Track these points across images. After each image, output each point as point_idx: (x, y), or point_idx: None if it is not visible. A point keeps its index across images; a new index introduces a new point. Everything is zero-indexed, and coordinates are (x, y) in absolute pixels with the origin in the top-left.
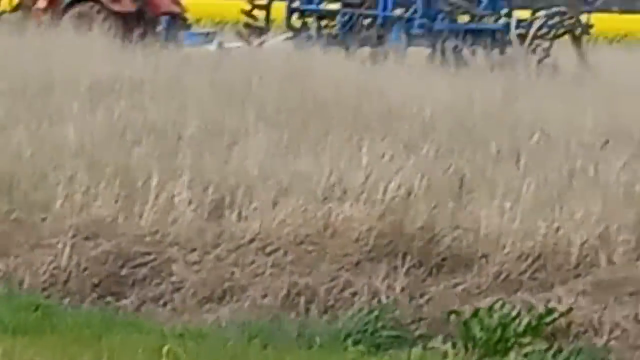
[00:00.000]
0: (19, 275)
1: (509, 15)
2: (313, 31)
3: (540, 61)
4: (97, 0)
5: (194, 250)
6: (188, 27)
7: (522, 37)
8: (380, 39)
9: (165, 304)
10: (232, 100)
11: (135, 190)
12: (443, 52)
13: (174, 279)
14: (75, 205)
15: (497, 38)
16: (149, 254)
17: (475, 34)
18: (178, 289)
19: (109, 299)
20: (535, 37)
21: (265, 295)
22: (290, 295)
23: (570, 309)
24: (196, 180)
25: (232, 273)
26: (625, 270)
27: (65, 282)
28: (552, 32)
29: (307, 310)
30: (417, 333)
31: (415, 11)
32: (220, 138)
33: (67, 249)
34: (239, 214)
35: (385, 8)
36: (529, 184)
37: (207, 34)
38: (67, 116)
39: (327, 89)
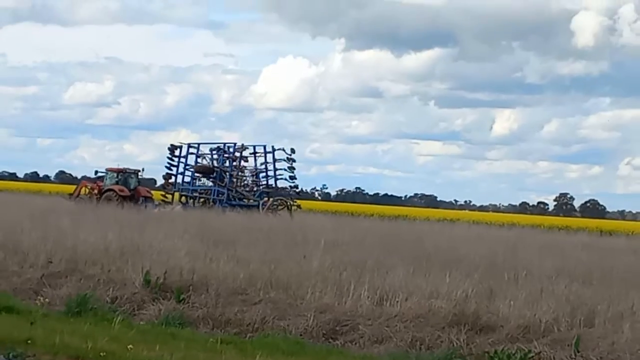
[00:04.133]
0: (289, 328)
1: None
2: (190, 203)
3: (274, 214)
4: (113, 190)
5: (368, 319)
6: (152, 201)
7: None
8: (210, 207)
9: (356, 343)
10: (380, 249)
11: (344, 291)
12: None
13: (359, 332)
14: (315, 297)
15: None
16: (348, 320)
17: (248, 207)
18: (361, 337)
19: (330, 340)
20: (269, 208)
21: (400, 341)
22: (413, 342)
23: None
24: (372, 287)
25: (386, 330)
26: None
27: (311, 332)
28: (276, 207)
29: (420, 349)
30: None
31: (222, 197)
32: (382, 269)
33: (312, 317)
34: (389, 303)
35: (214, 194)
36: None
37: (157, 204)
38: (314, 256)
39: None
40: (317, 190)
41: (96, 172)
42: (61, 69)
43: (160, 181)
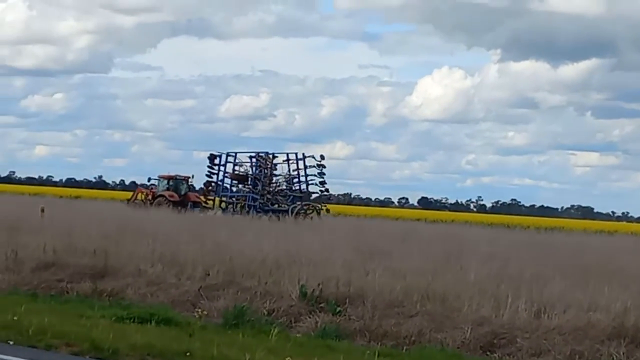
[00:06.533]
0: (446, 341)
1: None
2: (230, 208)
3: (304, 218)
4: (164, 196)
5: (526, 332)
6: (200, 206)
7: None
8: (248, 212)
9: (513, 356)
10: (537, 261)
11: (501, 303)
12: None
13: (517, 345)
14: (472, 309)
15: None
16: (505, 333)
17: (280, 212)
18: (519, 350)
19: (487, 353)
20: (298, 213)
21: (559, 354)
22: (571, 355)
23: None
24: (529, 299)
25: (545, 343)
26: None
27: (468, 345)
28: (305, 211)
29: None
30: None
31: (256, 203)
32: (539, 281)
33: (469, 330)
34: (547, 316)
35: (249, 200)
36: None
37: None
38: (470, 268)
39: None
40: (472, 202)
41: (149, 179)
42: (217, 82)
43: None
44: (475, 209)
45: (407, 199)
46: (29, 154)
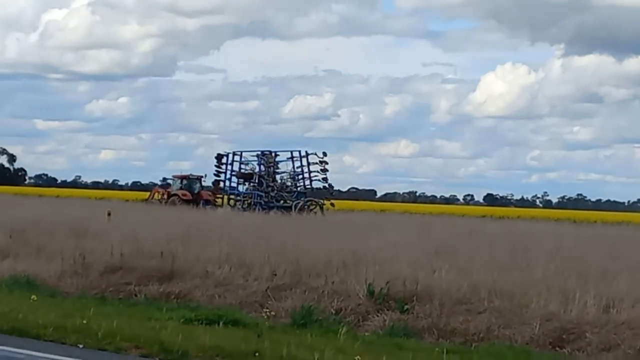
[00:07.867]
0: (515, 337)
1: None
2: (238, 205)
3: (307, 213)
4: (177, 195)
5: (595, 327)
6: (212, 204)
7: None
8: (255, 209)
9: (583, 351)
10: (604, 255)
11: (569, 298)
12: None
13: (587, 340)
14: (540, 305)
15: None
16: (574, 328)
17: (285, 208)
18: (589, 344)
19: (557, 349)
20: (302, 208)
21: (629, 349)
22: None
23: None
24: (597, 294)
25: (614, 337)
26: None
27: (537, 340)
28: (309, 206)
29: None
30: None
31: (261, 200)
32: (607, 276)
33: (537, 326)
34: (616, 311)
35: (255, 197)
36: None
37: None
38: (537, 264)
39: None
40: (538, 198)
41: (164, 179)
42: (281, 83)
43: (381, 191)
44: (541, 205)
45: (472, 196)
46: (94, 159)
